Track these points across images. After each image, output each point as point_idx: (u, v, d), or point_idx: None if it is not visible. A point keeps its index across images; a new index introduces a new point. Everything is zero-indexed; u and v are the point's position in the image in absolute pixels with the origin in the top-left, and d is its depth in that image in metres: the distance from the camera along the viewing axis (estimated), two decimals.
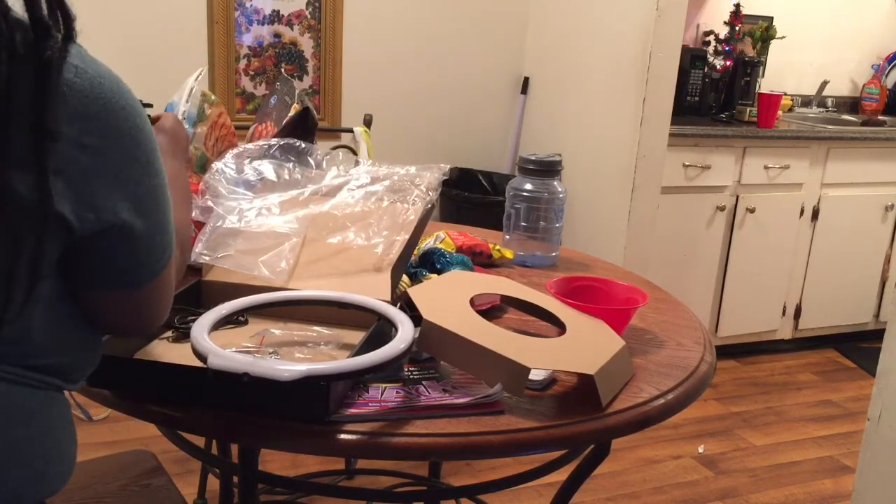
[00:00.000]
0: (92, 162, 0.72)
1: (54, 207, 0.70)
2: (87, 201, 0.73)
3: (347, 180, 1.34)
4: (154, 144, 0.79)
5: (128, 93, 0.76)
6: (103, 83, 0.73)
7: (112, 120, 0.73)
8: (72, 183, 0.71)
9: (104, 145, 0.73)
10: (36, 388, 0.79)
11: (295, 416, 0.92)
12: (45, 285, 0.75)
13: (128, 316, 0.87)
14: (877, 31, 4.00)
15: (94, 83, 0.72)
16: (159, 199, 0.81)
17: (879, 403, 1.80)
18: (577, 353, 1.06)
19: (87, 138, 0.72)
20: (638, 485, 2.48)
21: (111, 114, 0.73)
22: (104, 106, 0.72)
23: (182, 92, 1.45)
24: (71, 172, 0.71)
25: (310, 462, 2.34)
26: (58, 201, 0.70)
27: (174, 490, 1.30)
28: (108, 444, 2.35)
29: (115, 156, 0.74)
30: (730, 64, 3.58)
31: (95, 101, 0.72)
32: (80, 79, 0.71)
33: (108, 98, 0.73)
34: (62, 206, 0.71)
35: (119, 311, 0.85)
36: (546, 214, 1.63)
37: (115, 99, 0.73)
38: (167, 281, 0.87)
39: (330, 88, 3.19)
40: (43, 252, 0.71)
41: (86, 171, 0.72)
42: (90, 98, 0.71)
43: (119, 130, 0.74)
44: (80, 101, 0.71)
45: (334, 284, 1.19)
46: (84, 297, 0.81)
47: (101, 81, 0.73)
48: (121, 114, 0.74)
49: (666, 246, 3.15)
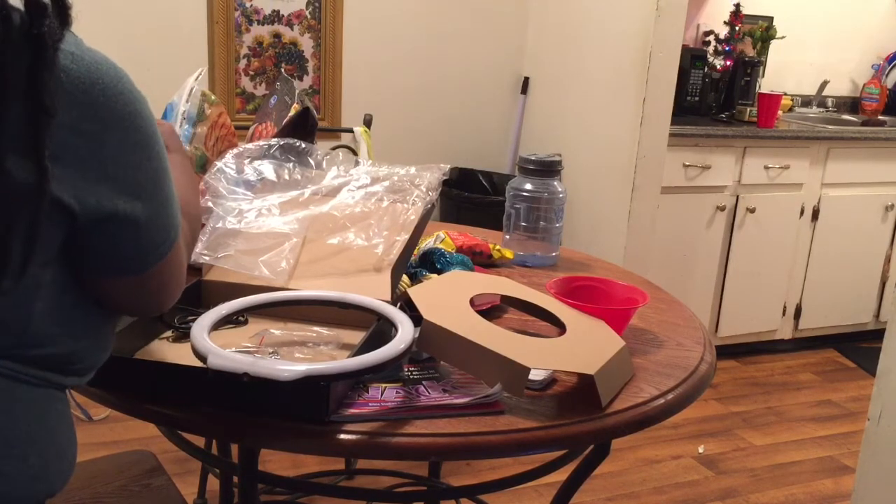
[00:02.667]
0: (91, 148, 0.73)
1: (52, 192, 0.70)
2: (87, 187, 0.73)
3: (347, 181, 1.34)
4: (154, 128, 0.79)
5: (126, 79, 0.76)
6: (100, 69, 0.73)
7: (110, 105, 0.73)
8: (71, 169, 0.71)
9: (103, 131, 0.73)
10: (35, 386, 0.79)
11: (295, 416, 0.92)
12: (48, 272, 0.75)
13: (140, 298, 0.87)
14: (877, 31, 4.00)
15: (91, 69, 0.72)
16: (161, 182, 0.81)
17: (879, 403, 1.80)
18: (577, 353, 1.06)
19: (86, 124, 0.72)
20: (638, 485, 2.48)
21: (109, 99, 0.73)
22: (102, 91, 0.73)
23: (182, 92, 1.45)
24: (70, 159, 0.71)
25: (310, 462, 2.34)
26: (57, 187, 0.70)
27: (174, 490, 1.30)
28: (108, 444, 2.35)
29: (114, 141, 0.74)
30: (730, 64, 3.58)
31: (93, 87, 0.72)
32: (76, 65, 0.71)
33: (106, 84, 0.73)
34: (62, 192, 0.71)
35: (130, 294, 0.86)
36: (546, 214, 1.63)
37: (112, 84, 0.74)
38: (176, 260, 0.87)
39: (330, 88, 3.19)
40: (37, 235, 0.71)
41: (85, 157, 0.72)
42: (87, 84, 0.72)
43: (118, 116, 0.74)
44: (76, 86, 0.71)
45: (334, 284, 1.19)
46: (93, 284, 0.82)
47: (98, 67, 0.73)
48: (119, 99, 0.74)
49: (666, 246, 3.15)
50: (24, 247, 0.70)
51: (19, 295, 0.74)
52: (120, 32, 2.79)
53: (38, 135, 0.68)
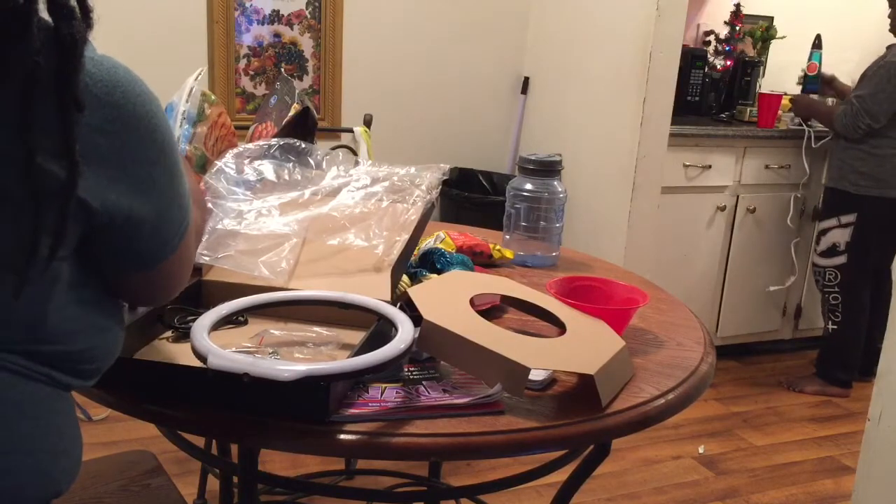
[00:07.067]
0: (112, 146, 0.76)
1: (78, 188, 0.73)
2: (108, 185, 0.76)
3: (347, 181, 1.34)
4: (168, 127, 0.83)
5: (141, 81, 0.80)
6: (119, 73, 0.77)
7: (131, 107, 0.77)
8: (94, 167, 0.74)
9: (124, 131, 0.76)
10: (43, 384, 0.80)
11: (295, 416, 0.92)
12: (65, 268, 0.78)
13: (149, 289, 0.91)
14: (877, 31, 4.00)
15: (112, 73, 0.76)
16: (175, 178, 0.84)
17: (879, 403, 1.80)
18: (577, 353, 1.06)
19: (109, 125, 0.75)
20: (638, 485, 2.48)
21: (129, 101, 0.77)
22: (123, 93, 0.76)
23: (182, 92, 1.45)
24: (94, 158, 0.74)
25: (310, 462, 2.34)
26: (81, 185, 0.73)
27: (174, 490, 1.30)
28: (108, 444, 2.35)
29: (134, 141, 0.78)
30: (730, 64, 3.58)
31: (115, 89, 0.76)
32: (97, 69, 0.75)
33: (126, 86, 0.77)
34: (84, 190, 0.74)
35: (141, 286, 0.89)
36: (546, 214, 1.63)
37: (131, 87, 0.77)
38: (186, 254, 0.90)
39: (330, 88, 3.19)
40: (65, 230, 0.74)
41: (106, 155, 0.76)
42: (110, 86, 0.75)
43: (137, 116, 0.77)
44: (100, 89, 0.74)
45: (334, 284, 1.19)
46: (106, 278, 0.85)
47: (116, 71, 0.77)
48: (138, 100, 0.78)
49: (666, 246, 3.15)
50: (52, 241, 0.73)
51: (39, 290, 0.76)
52: (120, 32, 2.79)
53: (68, 132, 0.71)
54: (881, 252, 3.06)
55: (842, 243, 3.13)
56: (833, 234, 3.15)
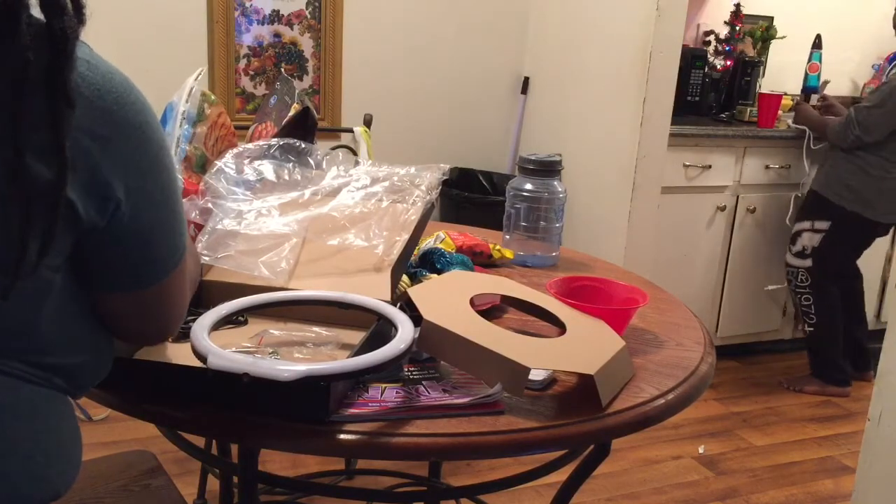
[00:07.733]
0: (103, 152, 0.74)
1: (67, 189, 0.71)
2: (96, 191, 0.74)
3: (347, 181, 1.34)
4: (163, 141, 0.81)
5: (137, 89, 0.78)
6: (114, 78, 0.75)
7: (123, 113, 0.75)
8: (83, 172, 0.73)
9: (115, 137, 0.75)
10: (41, 386, 0.79)
11: (295, 416, 0.92)
12: (58, 278, 0.76)
13: (139, 319, 0.88)
14: (877, 31, 4.00)
15: (106, 77, 0.74)
16: (169, 192, 0.82)
17: (879, 403, 1.80)
18: (577, 353, 1.06)
19: (100, 129, 0.73)
20: (638, 485, 2.48)
21: (122, 107, 0.75)
22: (116, 99, 0.74)
23: (182, 92, 1.45)
24: (83, 162, 0.72)
25: (310, 462, 2.34)
26: (70, 188, 0.72)
27: (174, 490, 1.30)
28: (108, 444, 2.35)
29: (124, 148, 0.76)
30: (730, 64, 3.58)
31: (108, 94, 0.74)
32: (91, 72, 0.73)
33: (120, 92, 0.75)
34: (72, 193, 0.72)
35: (129, 314, 0.87)
36: (546, 214, 1.63)
37: (125, 94, 0.75)
38: (178, 284, 0.88)
39: (330, 88, 3.19)
40: (54, 233, 0.72)
41: (97, 161, 0.74)
42: (103, 91, 0.73)
43: (130, 124, 0.75)
44: (93, 92, 0.72)
45: (334, 284, 1.19)
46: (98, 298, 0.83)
47: (112, 77, 0.75)
48: (131, 108, 0.76)
49: (666, 246, 3.15)
50: (40, 244, 0.71)
51: (30, 297, 0.74)
52: (120, 32, 2.79)
53: (58, 130, 0.69)
54: (842, 263, 3.18)
55: (809, 247, 3.15)
56: (805, 236, 3.17)
